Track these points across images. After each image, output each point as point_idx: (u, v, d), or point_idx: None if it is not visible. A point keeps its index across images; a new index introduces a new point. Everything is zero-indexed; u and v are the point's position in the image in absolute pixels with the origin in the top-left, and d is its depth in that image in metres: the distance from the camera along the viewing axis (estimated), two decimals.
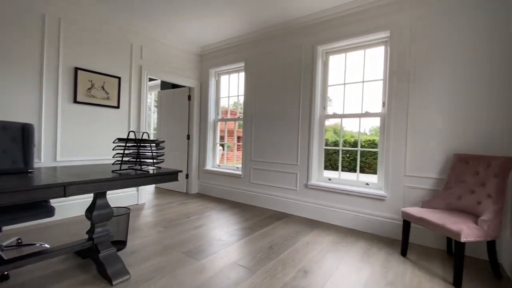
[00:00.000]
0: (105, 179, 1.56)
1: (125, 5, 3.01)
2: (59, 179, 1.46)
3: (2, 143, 2.02)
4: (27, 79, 2.58)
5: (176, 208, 3.44)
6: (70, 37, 2.86)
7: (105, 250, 1.81)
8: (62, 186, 1.38)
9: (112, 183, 1.61)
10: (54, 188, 1.35)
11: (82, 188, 1.46)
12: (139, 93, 3.57)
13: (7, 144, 2.04)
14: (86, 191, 1.48)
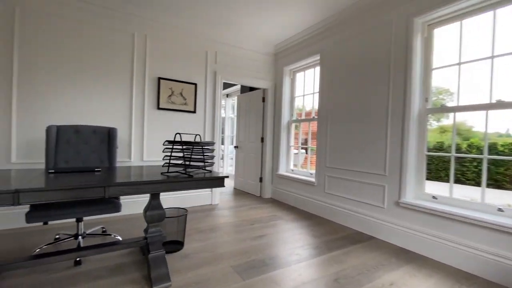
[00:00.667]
0: (142, 182, 1.53)
1: (201, 17, 3.15)
2: (107, 180, 1.52)
3: (93, 145, 2.38)
4: (120, 90, 3.04)
5: (244, 212, 3.33)
6: (154, 50, 3.22)
7: (155, 252, 1.81)
8: (102, 187, 1.41)
9: (150, 186, 1.57)
10: (95, 188, 1.39)
11: (122, 190, 1.47)
12: (213, 97, 3.69)
13: (97, 145, 2.40)
14: (125, 192, 1.48)
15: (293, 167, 4.15)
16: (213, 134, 3.71)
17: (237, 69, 3.87)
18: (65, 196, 1.31)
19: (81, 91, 2.82)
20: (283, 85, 4.06)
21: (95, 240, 2.29)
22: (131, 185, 1.49)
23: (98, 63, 2.90)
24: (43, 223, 2.13)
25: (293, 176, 3.80)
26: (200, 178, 1.73)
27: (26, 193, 1.23)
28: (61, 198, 1.32)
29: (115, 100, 3.01)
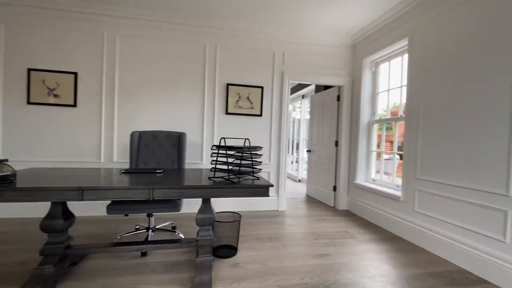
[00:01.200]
0: (183, 187, 1.54)
1: (268, 18, 3.09)
2: (155, 183, 1.61)
3: (166, 148, 2.65)
4: (194, 98, 3.31)
5: (311, 223, 3.03)
6: (223, 58, 3.37)
7: (203, 256, 1.82)
8: (148, 190, 1.50)
9: (190, 191, 1.56)
10: (141, 190, 1.49)
11: (165, 193, 1.52)
12: (280, 99, 3.56)
13: (169, 148, 2.66)
14: (169, 196, 1.53)
15: (375, 176, 3.51)
16: (279, 137, 3.57)
17: (306, 67, 3.61)
18: (115, 195, 1.45)
19: (160, 101, 3.23)
20: (363, 80, 3.51)
21: (164, 234, 2.53)
22: (173, 189, 1.53)
23: (175, 76, 3.25)
24: (124, 214, 2.52)
25: (374, 187, 3.20)
26: (241, 185, 1.62)
27: (88, 191, 1.42)
28: (112, 197, 1.47)
29: (189, 108, 3.30)
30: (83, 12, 2.95)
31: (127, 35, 3.11)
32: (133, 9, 3.02)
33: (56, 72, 2.95)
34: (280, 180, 3.57)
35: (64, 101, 2.98)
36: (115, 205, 2.04)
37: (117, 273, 1.81)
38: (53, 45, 2.96)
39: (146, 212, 2.10)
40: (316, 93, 4.77)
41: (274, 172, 3.57)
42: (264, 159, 3.52)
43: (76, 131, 3.03)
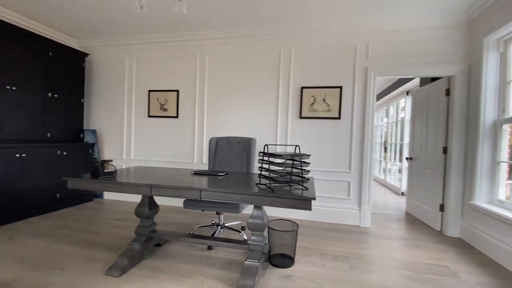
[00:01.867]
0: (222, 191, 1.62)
1: (348, 10, 2.83)
2: (213, 185, 1.78)
3: (237, 152, 2.86)
4: (268, 105, 3.40)
5: (398, 248, 2.50)
6: (297, 62, 3.30)
7: (251, 260, 1.85)
8: (198, 190, 1.67)
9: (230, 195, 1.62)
10: (193, 191, 1.68)
11: (210, 195, 1.65)
12: (363, 99, 3.13)
13: (240, 152, 2.85)
14: (214, 197, 1.65)
15: (505, 197, 2.51)
16: (362, 142, 3.14)
17: (398, 58, 3.02)
18: (173, 194, 1.69)
19: (238, 110, 3.49)
20: (484, 66, 2.60)
21: (231, 233, 2.73)
22: (216, 192, 1.64)
23: (251, 85, 3.45)
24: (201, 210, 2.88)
25: (502, 213, 2.29)
26: (278, 195, 1.54)
27: (155, 188, 1.73)
28: (170, 195, 1.72)
29: (264, 114, 3.42)
30: (182, 40, 3.62)
31: (214, 53, 3.57)
32: (217, 31, 3.44)
33: (165, 91, 3.74)
34: (363, 192, 3.13)
35: (170, 114, 3.74)
36: (189, 201, 2.38)
37: (184, 260, 2.10)
38: (163, 70, 3.77)
39: (212, 210, 2.34)
40: (421, 87, 3.89)
41: (356, 182, 3.16)
42: (342, 167, 3.19)
43: (177, 138, 3.74)
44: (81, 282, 1.74)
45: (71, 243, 2.37)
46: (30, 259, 2.04)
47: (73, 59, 3.67)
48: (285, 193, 1.57)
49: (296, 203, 1.51)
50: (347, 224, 3.16)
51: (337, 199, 3.22)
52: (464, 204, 2.84)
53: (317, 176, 3.26)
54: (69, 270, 1.90)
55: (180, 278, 1.84)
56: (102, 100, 4.06)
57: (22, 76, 3.04)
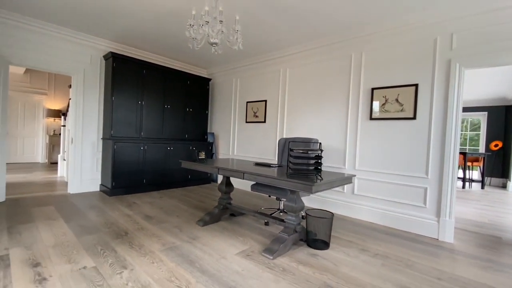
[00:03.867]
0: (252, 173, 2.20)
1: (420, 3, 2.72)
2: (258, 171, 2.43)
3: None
4: (338, 107, 3.58)
5: (470, 268, 2.16)
6: (368, 63, 3.31)
7: (282, 233, 2.33)
8: (242, 173, 2.35)
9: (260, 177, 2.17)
10: (238, 172, 2.37)
11: (249, 176, 2.28)
12: (445, 96, 2.76)
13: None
14: (250, 178, 2.27)
15: None
16: (442, 145, 2.76)
17: (490, 45, 2.47)
18: (228, 174, 2.46)
19: (311, 114, 3.86)
20: None
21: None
22: (251, 174, 2.25)
23: (323, 91, 3.75)
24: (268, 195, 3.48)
25: None
26: (288, 179, 1.96)
27: (221, 169, 2.56)
28: (226, 174, 2.48)
29: (334, 117, 3.63)
30: (269, 59, 4.42)
31: (293, 66, 4.14)
32: (296, 46, 3.99)
33: (257, 102, 4.67)
34: (443, 201, 2.75)
35: (260, 119, 4.64)
36: (255, 185, 3.10)
37: (245, 227, 2.83)
38: (255, 84, 4.72)
39: (271, 195, 2.94)
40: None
41: (434, 190, 2.82)
42: (418, 171, 2.92)
43: (264, 138, 4.57)
44: (182, 224, 2.83)
45: (187, 204, 3.66)
46: (164, 208, 3.41)
47: (201, 84, 5.29)
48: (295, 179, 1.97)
49: (300, 186, 1.90)
50: (421, 235, 2.86)
51: (411, 206, 2.97)
52: None
53: (387, 179, 3.14)
54: (180, 217, 3.08)
55: (235, 236, 2.58)
56: (219, 111, 5.52)
57: (173, 99, 4.82)
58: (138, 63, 4.28)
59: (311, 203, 3.84)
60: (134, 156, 4.19)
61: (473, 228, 3.20)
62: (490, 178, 7.12)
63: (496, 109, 7.13)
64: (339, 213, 3.55)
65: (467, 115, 7.80)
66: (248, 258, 2.12)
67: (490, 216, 3.78)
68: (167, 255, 2.11)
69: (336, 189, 3.59)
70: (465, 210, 4.10)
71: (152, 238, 2.45)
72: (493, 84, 6.03)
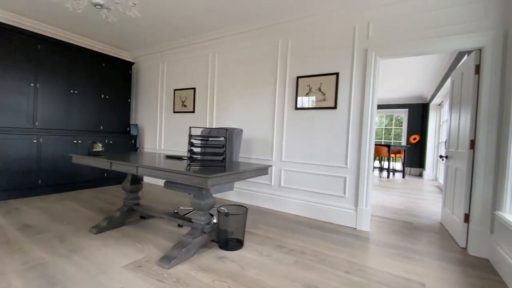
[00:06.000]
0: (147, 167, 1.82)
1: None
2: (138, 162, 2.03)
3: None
4: (265, 97, 3.39)
5: (383, 259, 2.13)
6: (294, 51, 3.18)
7: (186, 236, 1.99)
8: (135, 167, 1.93)
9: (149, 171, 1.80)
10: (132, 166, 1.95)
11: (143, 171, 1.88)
12: (362, 85, 2.76)
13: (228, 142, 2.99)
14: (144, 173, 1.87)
15: None
16: (359, 134, 2.76)
17: (408, 33, 2.53)
18: (120, 168, 2.01)
19: (240, 103, 3.61)
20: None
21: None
22: (146, 168, 1.86)
23: (252, 78, 3.52)
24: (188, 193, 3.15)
25: None
26: (181, 172, 1.63)
27: (114, 163, 2.09)
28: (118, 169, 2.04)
29: (263, 106, 3.43)
30: (197, 42, 4.01)
31: (222, 51, 3.81)
32: (224, 28, 3.67)
33: (186, 89, 4.22)
34: (360, 190, 2.75)
35: (188, 109, 4.20)
36: (167, 182, 2.69)
37: (151, 231, 2.41)
38: (184, 70, 4.27)
39: (184, 192, 2.57)
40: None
41: (352, 179, 2.81)
42: (338, 161, 2.89)
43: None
44: (69, 233, 2.27)
45: (91, 208, 3.05)
46: (56, 214, 2.76)
47: (121, 68, 4.59)
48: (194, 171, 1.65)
49: (194, 180, 1.58)
50: (341, 225, 2.84)
51: (333, 196, 2.93)
52: (493, 216, 2.15)
53: (311, 170, 3.05)
54: (71, 224, 2.49)
55: (134, 243, 2.15)
56: (144, 100, 4.89)
57: (83, 83, 4.05)
58: (29, 36, 3.44)
59: (239, 198, 3.59)
60: (24, 151, 3.36)
61: (390, 215, 3.34)
62: (410, 168, 7.95)
63: (415, 107, 7.97)
64: (266, 207, 3.37)
65: (392, 111, 8.58)
66: (138, 270, 1.73)
67: (406, 203, 4.06)
68: (22, 277, 1.58)
69: (263, 182, 3.41)
70: (386, 198, 4.36)
71: (15, 254, 1.87)
72: (413, 84, 6.66)
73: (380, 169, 7.31)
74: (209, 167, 1.85)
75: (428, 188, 5.60)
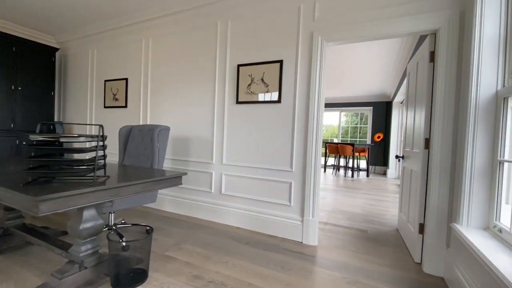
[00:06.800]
0: None
1: None
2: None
3: (145, 143, 2.46)
4: (205, 89, 2.89)
5: (314, 281, 1.73)
6: (235, 35, 2.71)
7: (55, 274, 1.43)
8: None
9: None
10: None
11: None
12: (308, 74, 2.35)
13: (148, 143, 2.44)
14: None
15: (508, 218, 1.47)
16: (305, 132, 2.36)
17: (356, 13, 2.15)
18: None
19: (177, 97, 3.07)
20: (477, 7, 1.60)
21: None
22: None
23: (191, 68, 3.00)
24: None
25: (495, 259, 1.33)
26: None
27: None
28: None
29: (202, 99, 2.92)
30: (130, 24, 3.39)
31: (157, 36, 3.23)
32: (158, 6, 3.09)
33: (117, 80, 3.58)
34: (306, 197, 2.35)
35: (120, 104, 3.57)
36: None
37: (33, 262, 1.81)
38: (115, 58, 3.62)
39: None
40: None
41: (298, 185, 2.41)
42: (283, 164, 2.47)
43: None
44: None
45: None
46: None
47: (41, 54, 3.82)
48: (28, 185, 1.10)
49: (24, 202, 1.04)
50: (286, 239, 2.43)
51: (277, 205, 2.51)
52: (449, 228, 1.84)
53: (255, 174, 2.61)
54: None
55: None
56: (73, 93, 4.15)
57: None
58: None
59: (175, 208, 3.06)
60: None
61: (345, 222, 3.00)
62: (374, 166, 7.89)
63: (379, 104, 7.91)
64: (205, 218, 2.87)
65: (357, 109, 8.49)
66: None
67: (365, 206, 3.78)
68: None
69: (202, 189, 2.90)
70: (345, 201, 4.06)
71: None
72: (377, 81, 6.53)
73: (345, 168, 7.13)
74: (65, 181, 1.31)
75: (391, 187, 5.45)
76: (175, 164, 3.08)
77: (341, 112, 8.81)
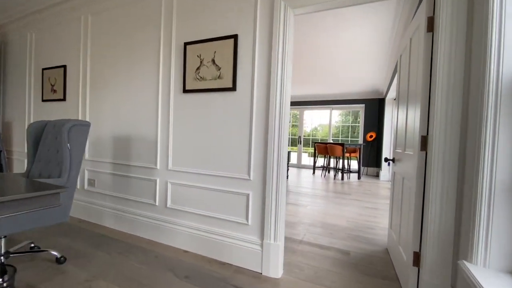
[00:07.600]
0: None
1: None
2: None
3: (58, 142, 1.88)
4: (149, 76, 2.32)
5: None
6: (181, 7, 2.14)
7: None
8: None
9: None
10: None
11: None
12: (268, 54, 1.80)
13: (57, 145, 1.86)
14: None
15: None
16: (265, 130, 1.81)
17: None
18: None
19: (121, 87, 2.50)
20: None
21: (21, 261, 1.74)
22: None
23: (133, 52, 2.42)
24: None
25: None
26: None
27: None
28: None
29: (145, 88, 2.35)
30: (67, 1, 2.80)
31: (97, 11, 2.65)
32: None
33: (55, 68, 2.99)
34: (267, 214, 1.79)
35: (58, 96, 2.98)
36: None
37: None
38: (53, 42, 3.03)
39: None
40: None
41: (258, 197, 1.85)
42: (240, 170, 1.91)
43: None
44: None
45: None
46: None
47: None
48: None
49: None
50: (242, 268, 1.86)
51: (232, 223, 1.95)
52: (455, 260, 1.30)
53: (206, 183, 2.04)
54: None
55: None
56: (12, 85, 3.55)
57: None
58: None
59: (115, 224, 2.47)
60: None
61: (325, 239, 2.45)
62: (366, 168, 7.38)
63: (372, 102, 7.41)
64: (148, 238, 2.30)
65: (348, 107, 7.97)
66: None
67: (352, 216, 3.25)
68: None
69: (146, 201, 2.33)
70: (329, 210, 3.51)
71: None
72: (369, 78, 6.01)
73: (334, 170, 6.60)
74: None
75: (383, 192, 4.93)
76: (115, 170, 2.51)
77: (332, 110, 8.29)
